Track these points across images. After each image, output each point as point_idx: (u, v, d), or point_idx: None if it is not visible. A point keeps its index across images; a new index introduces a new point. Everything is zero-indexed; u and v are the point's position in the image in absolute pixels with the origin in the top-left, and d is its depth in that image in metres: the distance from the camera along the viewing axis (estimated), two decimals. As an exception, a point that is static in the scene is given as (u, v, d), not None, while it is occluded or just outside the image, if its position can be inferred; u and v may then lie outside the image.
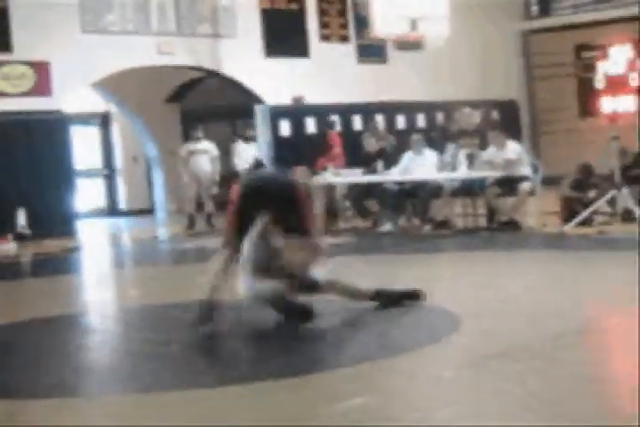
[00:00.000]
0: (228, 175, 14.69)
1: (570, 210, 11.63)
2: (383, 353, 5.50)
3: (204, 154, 15.26)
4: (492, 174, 11.87)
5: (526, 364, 5.04)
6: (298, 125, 17.47)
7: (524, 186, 11.70)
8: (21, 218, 14.10)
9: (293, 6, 17.61)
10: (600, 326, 6.05)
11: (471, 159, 12.39)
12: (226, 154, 16.15)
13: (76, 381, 5.43)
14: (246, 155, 15.71)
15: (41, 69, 14.56)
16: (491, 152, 12.09)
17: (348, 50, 18.32)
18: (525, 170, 11.93)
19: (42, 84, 14.60)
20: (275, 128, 17.21)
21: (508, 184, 11.74)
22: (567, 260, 9.04)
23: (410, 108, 18.83)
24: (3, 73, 14.28)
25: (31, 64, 14.48)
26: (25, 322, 7.30)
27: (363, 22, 17.39)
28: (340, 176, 13.55)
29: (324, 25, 18.05)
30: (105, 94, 18.46)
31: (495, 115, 20.00)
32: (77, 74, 14.86)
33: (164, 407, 4.67)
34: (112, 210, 19.65)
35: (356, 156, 14.29)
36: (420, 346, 5.64)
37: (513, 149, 12.07)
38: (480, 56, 19.73)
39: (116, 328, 7.31)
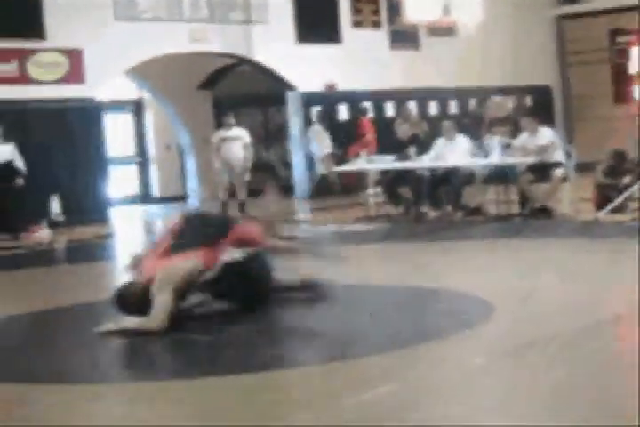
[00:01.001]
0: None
1: (604, 196, 11.49)
2: (415, 340, 5.49)
3: (237, 140, 15.23)
4: (524, 160, 11.79)
5: (556, 353, 5.01)
6: (330, 112, 17.45)
7: (557, 172, 11.60)
8: (55, 205, 14.19)
9: (325, -8, 17.57)
10: (631, 317, 6.00)
11: (504, 146, 12.31)
12: (258, 141, 16.14)
13: (108, 366, 5.48)
14: (322, 139, 15.74)
15: (74, 57, 14.61)
16: (523, 138, 11.99)
17: (381, 36, 18.25)
18: (558, 156, 11.82)
19: (75, 72, 14.66)
20: (307, 115, 17.20)
21: (541, 170, 11.64)
22: (600, 247, 8.96)
23: (442, 95, 18.76)
24: (36, 61, 14.35)
25: (64, 52, 14.54)
26: (62, 308, 7.36)
27: (395, 8, 17.32)
28: (373, 163, 13.51)
29: (356, 11, 17.98)
30: (138, 82, 18.51)
31: (528, 101, 19.89)
32: (110, 61, 14.90)
33: (197, 393, 4.70)
34: (145, 197, 19.70)
35: (389, 142, 14.25)
36: (452, 334, 5.63)
37: (545, 134, 11.95)
38: (513, 42, 19.59)
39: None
